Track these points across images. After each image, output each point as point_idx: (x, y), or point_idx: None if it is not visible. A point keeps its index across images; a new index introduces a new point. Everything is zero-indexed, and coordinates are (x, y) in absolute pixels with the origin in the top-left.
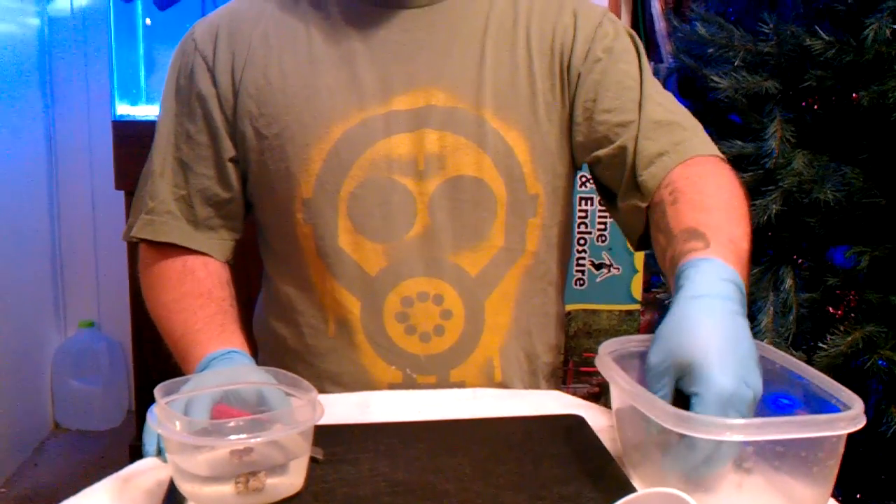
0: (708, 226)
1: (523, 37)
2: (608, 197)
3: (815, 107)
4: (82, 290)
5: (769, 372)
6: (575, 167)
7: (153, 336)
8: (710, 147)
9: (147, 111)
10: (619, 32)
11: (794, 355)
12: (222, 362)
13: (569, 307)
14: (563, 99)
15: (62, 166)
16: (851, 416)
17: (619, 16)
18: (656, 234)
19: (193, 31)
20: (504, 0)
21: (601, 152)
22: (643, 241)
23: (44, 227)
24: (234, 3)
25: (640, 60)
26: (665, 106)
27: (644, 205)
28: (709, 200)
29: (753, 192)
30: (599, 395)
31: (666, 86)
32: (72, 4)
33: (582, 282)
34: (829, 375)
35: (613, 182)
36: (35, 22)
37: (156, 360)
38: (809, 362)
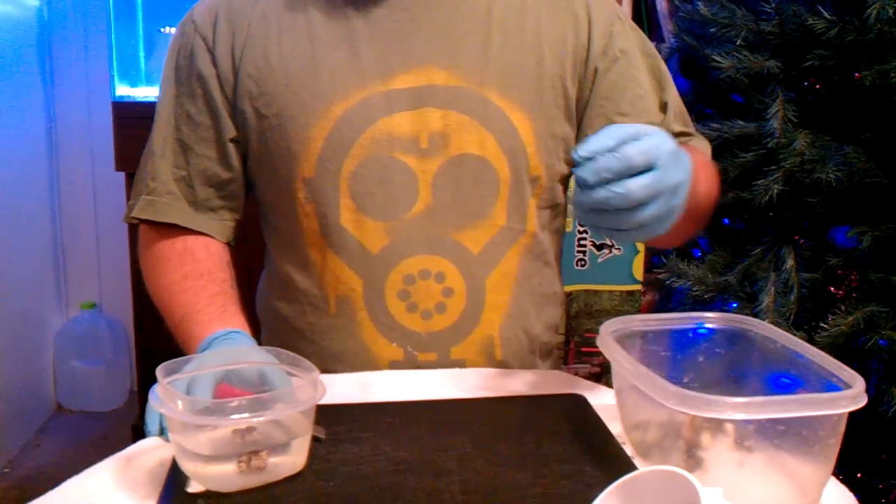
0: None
1: (532, 20)
2: None
3: (818, 86)
4: (83, 271)
5: (770, 351)
6: None
7: (155, 317)
8: (708, 153)
9: (147, 92)
10: (633, 30)
11: (795, 335)
12: (224, 342)
13: (570, 288)
14: (574, 88)
15: (62, 148)
16: (852, 395)
17: None
18: None
19: (193, 13)
20: None
21: None
22: None
23: (44, 208)
24: None
25: (653, 66)
26: (683, 120)
27: None
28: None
29: (755, 172)
30: (601, 375)
31: (668, 66)
32: None
33: (583, 262)
34: (831, 355)
35: None
36: (34, 2)
37: (157, 340)
38: (811, 342)
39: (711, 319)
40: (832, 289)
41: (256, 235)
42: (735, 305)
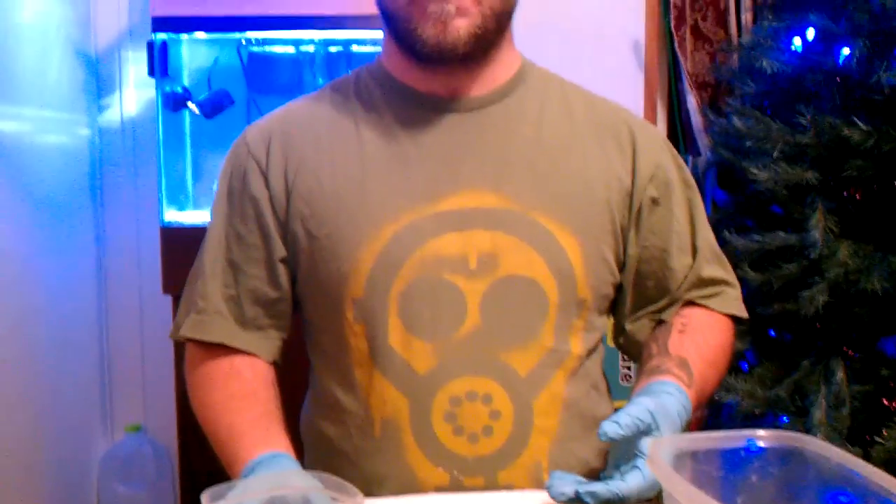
0: (697, 367)
1: (580, 146)
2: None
3: (857, 196)
4: (129, 393)
5: (825, 469)
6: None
7: (199, 439)
8: (736, 306)
9: (194, 216)
10: (674, 158)
11: (849, 451)
12: (268, 466)
13: (617, 403)
14: (619, 214)
15: (111, 271)
16: None
17: (654, 111)
18: (650, 340)
19: (246, 135)
20: (557, 106)
21: (645, 269)
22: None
23: (92, 331)
24: (286, 107)
25: (691, 200)
26: (714, 255)
27: (665, 318)
28: (707, 351)
29: (799, 282)
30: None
31: (705, 180)
32: (122, 115)
33: (629, 377)
34: (888, 471)
35: (640, 289)
36: (86, 132)
37: (202, 464)
38: (866, 457)
39: (763, 437)
40: (885, 401)
41: (301, 355)
42: (786, 420)
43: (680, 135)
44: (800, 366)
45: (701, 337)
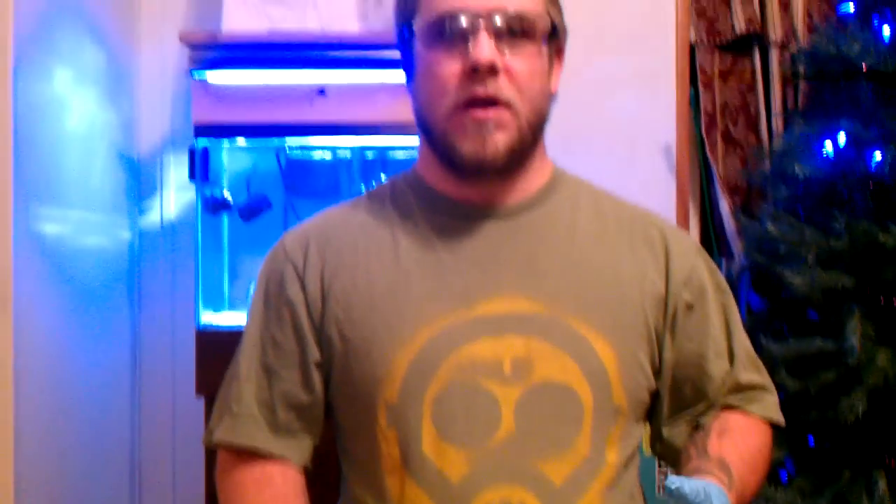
0: (737, 470)
1: (613, 251)
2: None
3: (894, 301)
4: (159, 495)
5: None
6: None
7: None
8: (774, 411)
9: (230, 318)
10: (706, 263)
11: None
12: None
13: None
14: (654, 318)
15: (145, 373)
16: None
17: (687, 215)
18: (689, 444)
19: (284, 241)
20: (589, 213)
21: (681, 374)
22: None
23: (124, 431)
24: (324, 213)
25: (726, 305)
26: (751, 360)
27: (703, 422)
28: (747, 454)
29: (838, 390)
30: None
31: (739, 284)
32: (162, 217)
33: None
34: None
35: (677, 394)
36: (126, 235)
37: None
38: None
39: None
40: None
41: (332, 461)
42: None
43: (713, 239)
44: (841, 476)
45: (741, 440)
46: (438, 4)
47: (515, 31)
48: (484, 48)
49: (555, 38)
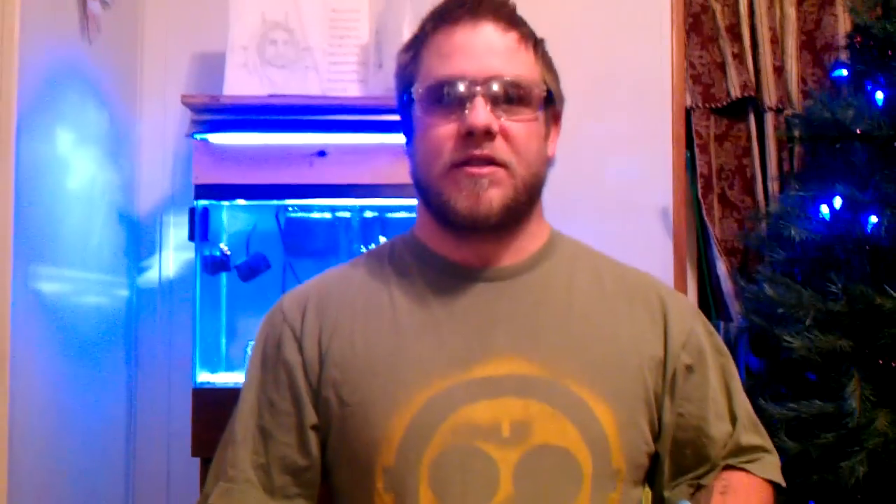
0: None
1: (612, 314)
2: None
3: (893, 364)
4: None
5: None
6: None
7: None
8: (776, 473)
9: (226, 378)
10: (704, 326)
11: None
12: None
13: None
14: (653, 381)
15: (141, 432)
16: None
17: (684, 277)
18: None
19: (282, 303)
20: (586, 276)
21: (682, 437)
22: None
23: (118, 490)
24: (322, 275)
25: (725, 367)
26: (752, 423)
27: (704, 483)
28: None
29: (837, 452)
30: None
31: (737, 346)
32: (160, 276)
33: None
34: None
35: (678, 457)
36: (125, 293)
37: None
38: None
39: None
40: None
41: None
42: None
43: (711, 301)
44: None
45: (743, 499)
46: (437, 71)
47: (512, 97)
48: (480, 113)
49: (551, 104)
